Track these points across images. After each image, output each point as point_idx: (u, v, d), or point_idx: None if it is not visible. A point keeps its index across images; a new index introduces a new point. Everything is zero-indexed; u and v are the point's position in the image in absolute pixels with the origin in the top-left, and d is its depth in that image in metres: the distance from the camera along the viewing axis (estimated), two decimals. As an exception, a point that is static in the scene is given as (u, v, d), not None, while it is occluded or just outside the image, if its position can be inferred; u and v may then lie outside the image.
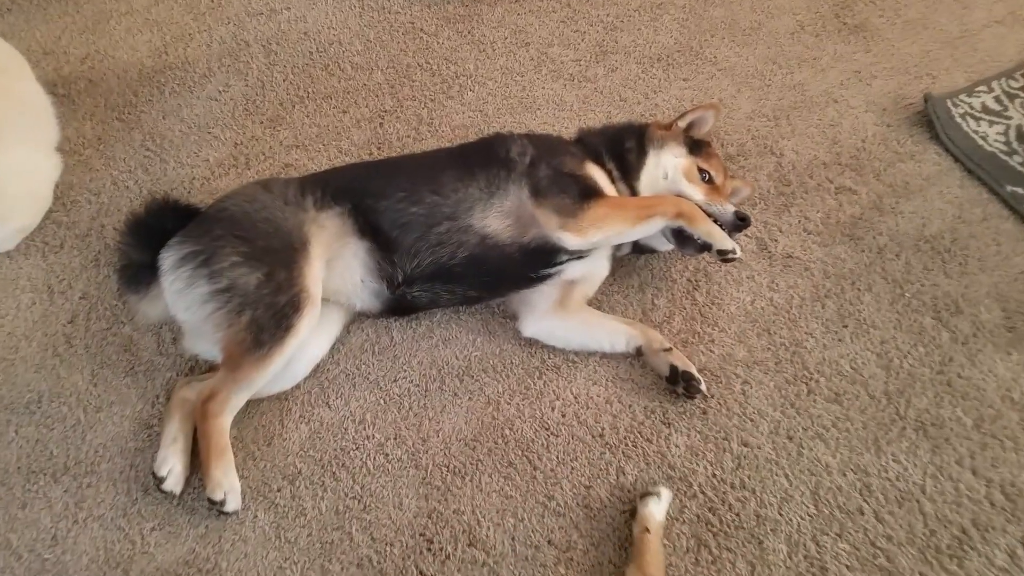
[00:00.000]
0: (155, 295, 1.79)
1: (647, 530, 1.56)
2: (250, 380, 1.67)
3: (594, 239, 1.77)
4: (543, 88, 2.39)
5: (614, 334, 1.85)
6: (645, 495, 1.62)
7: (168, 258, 1.75)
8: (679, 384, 1.76)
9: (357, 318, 1.95)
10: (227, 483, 1.65)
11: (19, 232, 2.10)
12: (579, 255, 1.84)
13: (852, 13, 2.52)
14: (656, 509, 1.60)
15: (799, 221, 2.06)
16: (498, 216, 1.81)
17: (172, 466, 1.68)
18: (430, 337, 1.92)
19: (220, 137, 2.32)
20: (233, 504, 1.65)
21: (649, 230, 1.80)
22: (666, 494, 1.63)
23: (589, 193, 1.80)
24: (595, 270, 1.92)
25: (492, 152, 1.90)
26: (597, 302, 1.95)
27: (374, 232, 1.80)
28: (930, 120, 2.23)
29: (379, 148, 2.27)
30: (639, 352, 1.84)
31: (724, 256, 1.75)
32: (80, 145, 2.30)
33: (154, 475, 1.68)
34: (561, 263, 1.84)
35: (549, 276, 1.85)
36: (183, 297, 1.72)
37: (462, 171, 1.86)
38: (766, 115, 2.29)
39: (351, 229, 1.81)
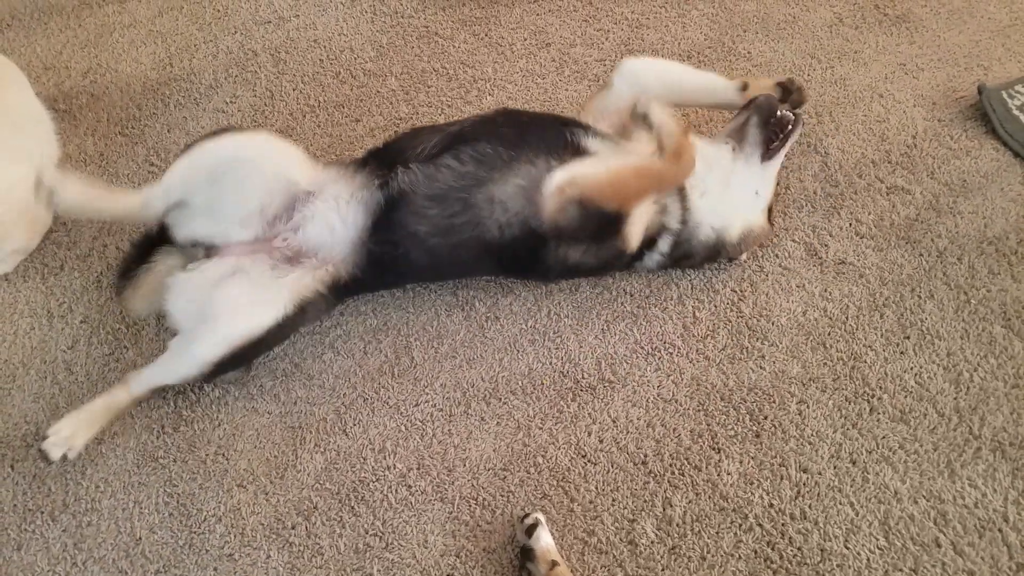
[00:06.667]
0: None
1: (555, 563, 1.42)
2: None
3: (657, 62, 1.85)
4: (566, 90, 2.27)
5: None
6: (529, 529, 1.47)
7: None
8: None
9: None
10: None
11: (17, 254, 1.99)
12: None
13: (893, 3, 2.38)
14: (547, 536, 1.47)
15: (850, 224, 1.91)
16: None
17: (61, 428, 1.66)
18: (453, 357, 1.79)
19: (228, 150, 2.20)
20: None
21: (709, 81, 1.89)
22: (538, 516, 1.50)
23: None
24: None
25: None
26: (632, 315, 1.81)
27: (377, 157, 1.72)
28: (985, 113, 2.07)
29: (395, 157, 2.15)
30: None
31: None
32: (82, 162, 2.20)
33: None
34: (596, 134, 1.71)
35: (585, 149, 1.68)
36: None
37: None
38: (808, 112, 2.14)
39: (351, 174, 1.70)
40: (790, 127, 1.78)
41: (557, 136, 1.63)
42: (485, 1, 2.50)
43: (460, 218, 1.61)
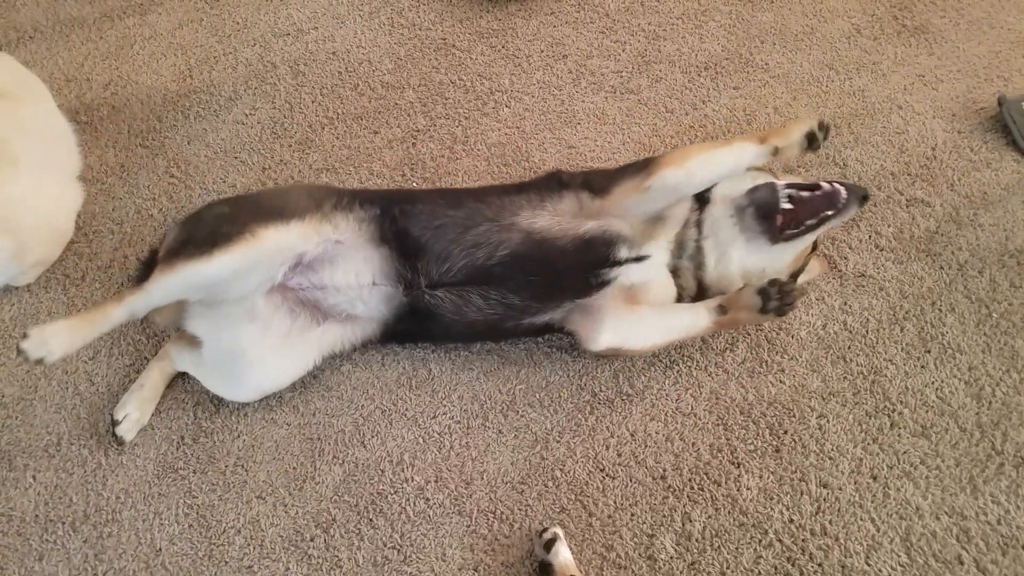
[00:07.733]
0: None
1: None
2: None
3: (692, 167, 1.61)
4: (583, 102, 2.27)
5: (693, 307, 1.65)
6: (547, 543, 1.47)
7: None
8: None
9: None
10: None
11: (39, 265, 2.00)
12: (638, 257, 1.65)
13: (911, 14, 2.37)
14: (566, 551, 1.46)
15: (870, 236, 1.90)
16: (549, 215, 1.66)
17: (129, 412, 1.74)
18: (470, 369, 1.79)
19: (247, 162, 2.22)
20: None
21: (739, 158, 1.63)
22: (557, 531, 1.50)
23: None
24: (656, 279, 1.69)
25: (543, 176, 1.81)
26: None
27: (399, 237, 1.67)
28: (1005, 125, 2.06)
29: (412, 169, 2.16)
30: (722, 310, 1.61)
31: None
32: (103, 173, 2.22)
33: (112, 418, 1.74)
34: (620, 263, 1.63)
35: (607, 282, 1.64)
36: None
37: (510, 187, 1.76)
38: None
39: (368, 237, 1.68)
40: (818, 217, 1.65)
41: (585, 285, 1.65)
42: (502, 13, 2.51)
43: (488, 331, 1.76)
